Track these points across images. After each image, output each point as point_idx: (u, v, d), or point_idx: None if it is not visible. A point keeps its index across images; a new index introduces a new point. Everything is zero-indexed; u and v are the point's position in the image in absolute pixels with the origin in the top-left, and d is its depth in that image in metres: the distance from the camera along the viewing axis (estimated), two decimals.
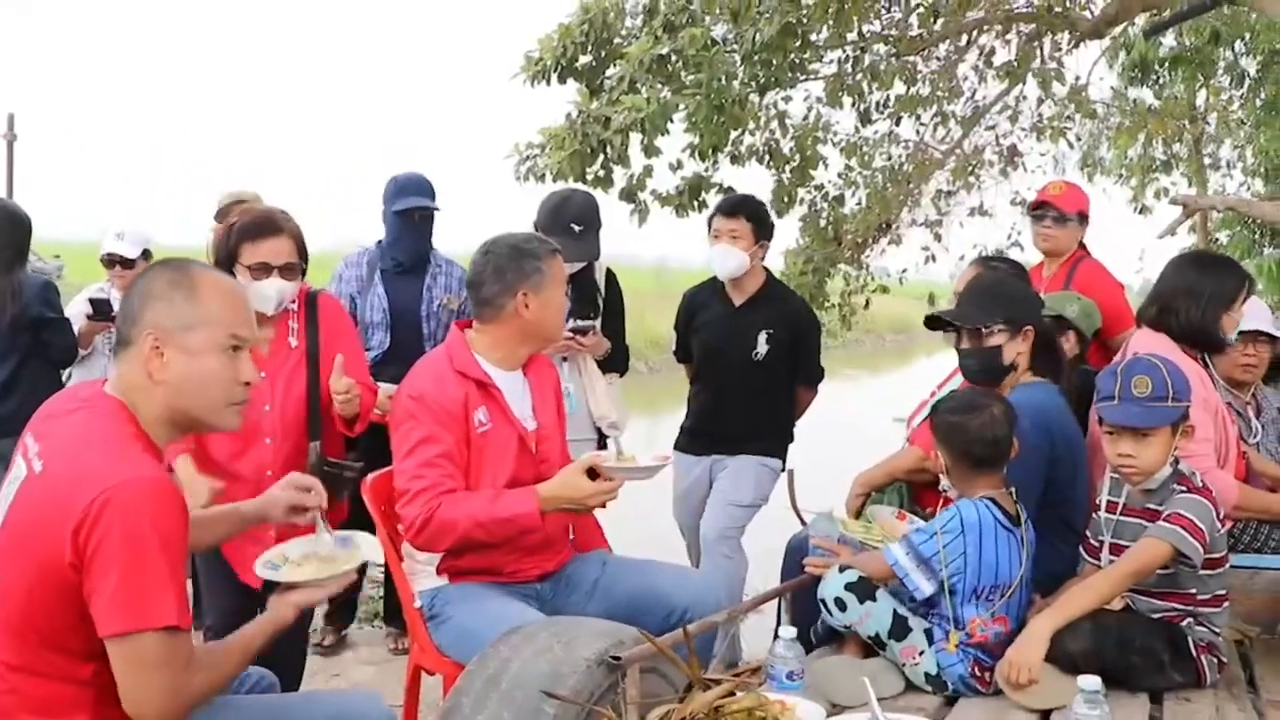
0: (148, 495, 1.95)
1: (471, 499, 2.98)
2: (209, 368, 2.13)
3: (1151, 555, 2.79)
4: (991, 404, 2.99)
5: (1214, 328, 3.46)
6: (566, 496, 2.94)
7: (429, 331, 4.54)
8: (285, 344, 3.43)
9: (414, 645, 3.24)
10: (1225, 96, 12.23)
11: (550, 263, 3.15)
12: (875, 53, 7.73)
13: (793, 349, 4.52)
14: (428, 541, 3.02)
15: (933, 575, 2.83)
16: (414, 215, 4.49)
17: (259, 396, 3.23)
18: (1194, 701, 2.79)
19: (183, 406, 2.13)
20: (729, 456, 4.51)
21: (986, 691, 2.83)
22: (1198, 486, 2.88)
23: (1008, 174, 9.63)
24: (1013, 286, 3.57)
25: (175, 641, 1.96)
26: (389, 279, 4.55)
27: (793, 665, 2.61)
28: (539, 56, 7.14)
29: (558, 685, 2.11)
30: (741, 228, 4.43)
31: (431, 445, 3.00)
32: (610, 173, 7.23)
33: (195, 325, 2.12)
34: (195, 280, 2.16)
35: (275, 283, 3.32)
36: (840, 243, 8.60)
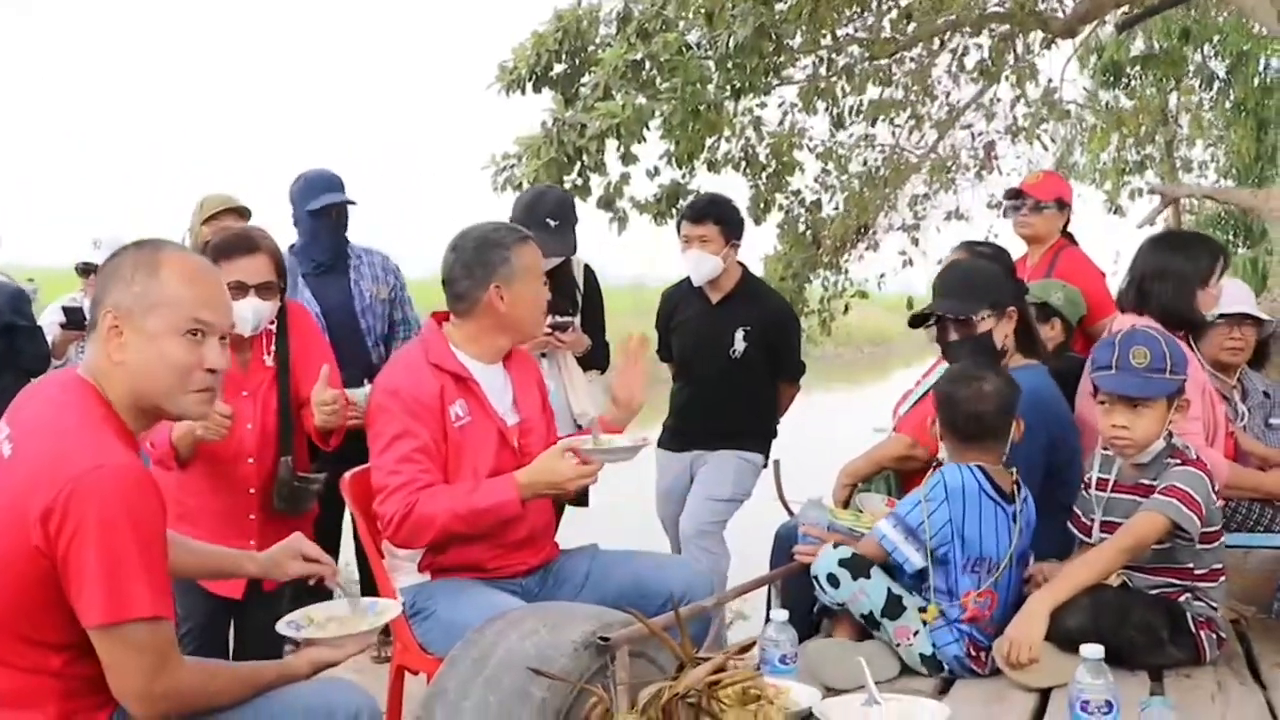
0: (122, 484, 1.90)
1: (449, 491, 2.93)
2: (166, 351, 2.04)
3: (1148, 528, 2.75)
4: (983, 378, 2.94)
5: (1190, 306, 3.44)
6: (546, 481, 2.88)
7: (368, 326, 4.37)
8: (261, 362, 3.37)
9: (396, 644, 3.17)
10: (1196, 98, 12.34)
11: (520, 251, 3.06)
12: (849, 54, 7.75)
13: (771, 345, 4.50)
14: (407, 538, 2.95)
15: (921, 545, 2.79)
16: (331, 213, 4.30)
17: (241, 415, 3.18)
18: (1194, 678, 2.74)
19: (142, 390, 2.05)
20: (709, 452, 4.49)
21: (983, 672, 2.78)
22: (1192, 459, 2.84)
23: (983, 177, 9.68)
24: (987, 270, 3.55)
25: (156, 629, 1.94)
26: (312, 282, 4.32)
27: (785, 649, 2.57)
28: (513, 65, 7.12)
29: (545, 667, 2.04)
30: (710, 231, 4.42)
31: (407, 440, 2.94)
32: (588, 181, 7.22)
33: (154, 306, 2.04)
34: (159, 260, 2.08)
35: (251, 302, 3.23)
36: (819, 246, 8.60)
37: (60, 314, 4.86)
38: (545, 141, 6.93)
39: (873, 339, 32.74)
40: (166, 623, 1.96)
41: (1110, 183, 12.82)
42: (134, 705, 1.99)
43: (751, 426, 4.50)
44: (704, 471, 4.48)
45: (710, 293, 4.53)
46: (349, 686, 2.24)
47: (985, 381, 2.92)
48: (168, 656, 1.97)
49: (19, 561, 1.91)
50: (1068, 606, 2.70)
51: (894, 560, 2.83)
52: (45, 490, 1.88)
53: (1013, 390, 2.94)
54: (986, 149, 9.13)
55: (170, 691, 1.98)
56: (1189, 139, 13.00)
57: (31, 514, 1.88)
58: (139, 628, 1.91)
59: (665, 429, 4.68)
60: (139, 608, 1.90)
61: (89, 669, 1.97)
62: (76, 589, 1.90)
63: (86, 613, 1.90)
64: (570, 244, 4.17)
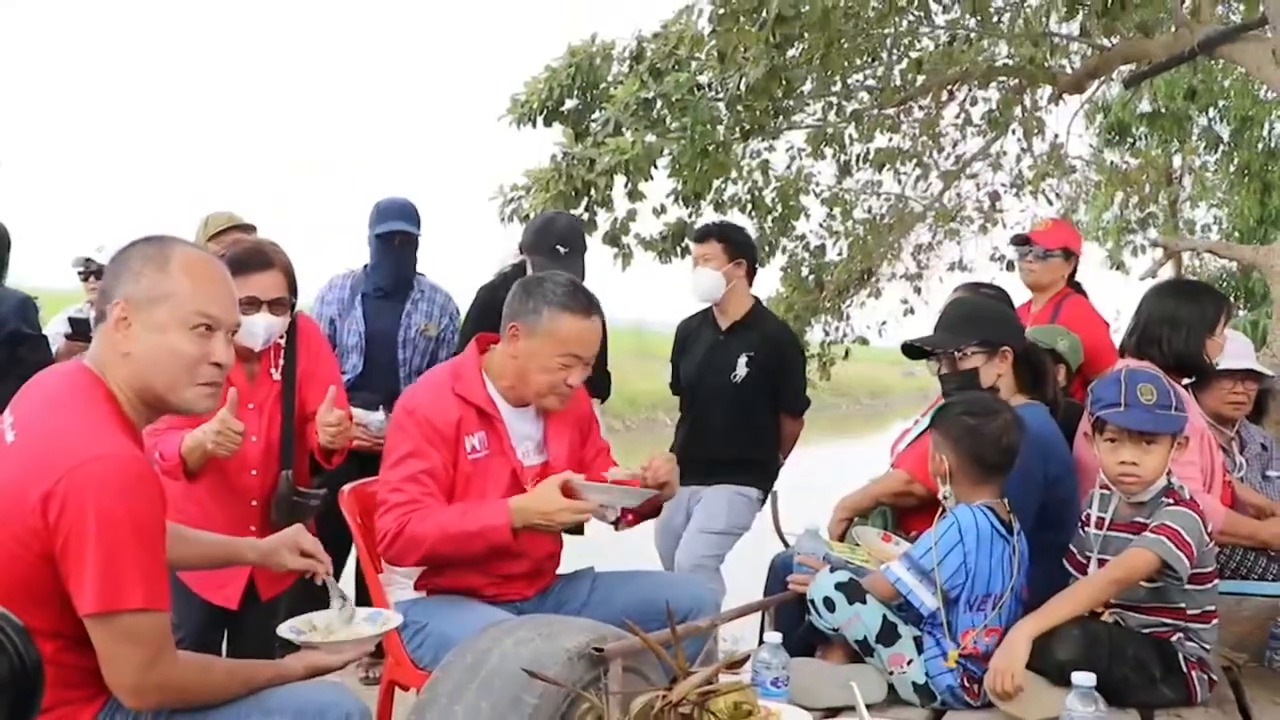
0: (122, 475, 1.92)
1: (443, 512, 2.90)
2: (172, 344, 2.06)
3: (1136, 564, 2.76)
4: (1004, 409, 2.98)
5: (1200, 353, 3.46)
6: (536, 509, 2.84)
7: (404, 358, 4.49)
8: (268, 375, 3.37)
9: (388, 659, 3.15)
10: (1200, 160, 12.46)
11: (556, 315, 2.95)
12: (859, 101, 7.84)
13: (773, 374, 4.49)
14: (397, 555, 2.94)
15: (936, 588, 2.79)
16: (394, 240, 4.46)
17: (248, 428, 3.18)
18: (1185, 718, 2.74)
19: (147, 382, 2.07)
20: (705, 487, 4.47)
21: (975, 704, 2.77)
22: (1185, 500, 2.86)
23: (987, 229, 9.74)
24: (988, 308, 3.58)
25: (150, 621, 1.95)
26: (369, 303, 4.51)
27: (777, 672, 2.57)
28: (526, 98, 7.21)
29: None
30: (712, 249, 4.46)
31: (416, 460, 2.94)
32: (594, 216, 7.29)
33: (162, 299, 2.06)
34: (169, 254, 2.10)
35: (264, 318, 3.23)
36: (822, 291, 8.65)
37: (66, 324, 4.87)
38: (554, 175, 7.01)
39: (872, 391, 32.77)
40: (161, 615, 1.98)
41: (1113, 241, 12.92)
42: (127, 696, 2.00)
43: (750, 458, 4.48)
44: (700, 507, 4.46)
45: (720, 320, 4.55)
46: (341, 689, 2.24)
47: (1007, 411, 2.96)
48: (162, 649, 1.98)
49: (16, 546, 1.92)
50: (1060, 638, 2.70)
51: (908, 602, 2.83)
52: (45, 477, 1.90)
53: (1020, 421, 2.98)
54: (991, 197, 9.20)
55: (163, 683, 1.99)
56: (1192, 199, 13.11)
57: (31, 499, 1.90)
58: (133, 618, 1.93)
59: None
60: (133, 599, 1.92)
61: (81, 659, 1.98)
62: (73, 577, 1.91)
63: (81, 601, 1.92)
64: (579, 271, 4.19)
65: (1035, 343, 3.61)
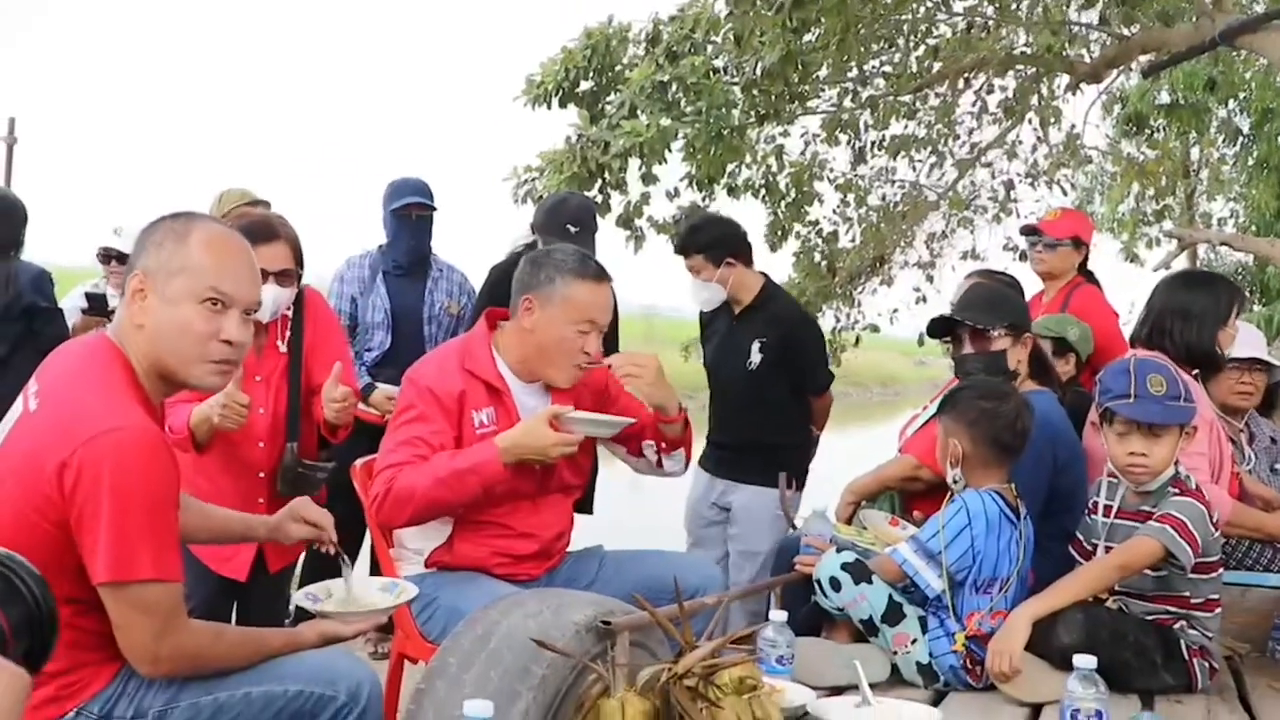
0: (137, 448, 1.95)
1: (431, 461, 2.91)
2: (183, 317, 2.07)
3: (1139, 552, 2.78)
4: (1015, 393, 3.00)
5: (1210, 346, 3.46)
6: (527, 444, 2.86)
7: (430, 334, 4.55)
8: (275, 348, 3.40)
9: (398, 633, 3.19)
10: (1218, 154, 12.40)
11: (572, 284, 2.97)
12: (875, 87, 7.82)
13: (787, 357, 4.42)
14: (389, 514, 2.95)
15: (942, 570, 2.81)
16: (410, 215, 4.51)
17: (254, 400, 3.20)
18: (1185, 704, 2.76)
19: (159, 355, 2.09)
20: (737, 484, 4.40)
21: (978, 685, 2.79)
22: (1191, 490, 2.87)
23: (1001, 219, 9.72)
24: (1012, 296, 3.60)
25: (162, 591, 1.98)
26: (391, 281, 4.57)
27: (782, 650, 2.60)
28: (540, 80, 7.21)
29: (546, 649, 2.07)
30: (697, 262, 4.37)
31: (415, 426, 2.97)
32: (608, 198, 7.29)
33: (177, 272, 2.08)
34: (190, 228, 2.12)
35: (270, 290, 3.24)
36: (834, 277, 8.65)
37: (82, 299, 4.91)
38: (568, 157, 7.01)
39: (883, 381, 32.73)
40: (173, 585, 2.01)
41: (1128, 233, 12.87)
42: (140, 663, 2.03)
43: (778, 447, 4.37)
44: (740, 522, 4.38)
45: (734, 307, 4.52)
46: (352, 658, 2.27)
47: (1018, 395, 2.98)
48: (173, 618, 2.01)
49: (33, 514, 1.95)
50: (1063, 623, 2.73)
51: (913, 583, 2.85)
52: (62, 447, 1.93)
53: (1030, 405, 3.00)
54: (1005, 186, 9.17)
55: (175, 652, 2.03)
56: (1209, 192, 13.05)
57: (48, 469, 1.93)
58: (145, 589, 1.96)
59: (705, 444, 4.63)
60: (144, 569, 1.95)
61: (98, 624, 2.01)
62: (87, 546, 1.94)
63: (95, 570, 1.95)
64: (590, 251, 4.21)
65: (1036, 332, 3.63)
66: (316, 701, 2.13)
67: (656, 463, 3.24)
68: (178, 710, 2.08)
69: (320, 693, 2.13)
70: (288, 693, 2.12)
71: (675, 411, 3.15)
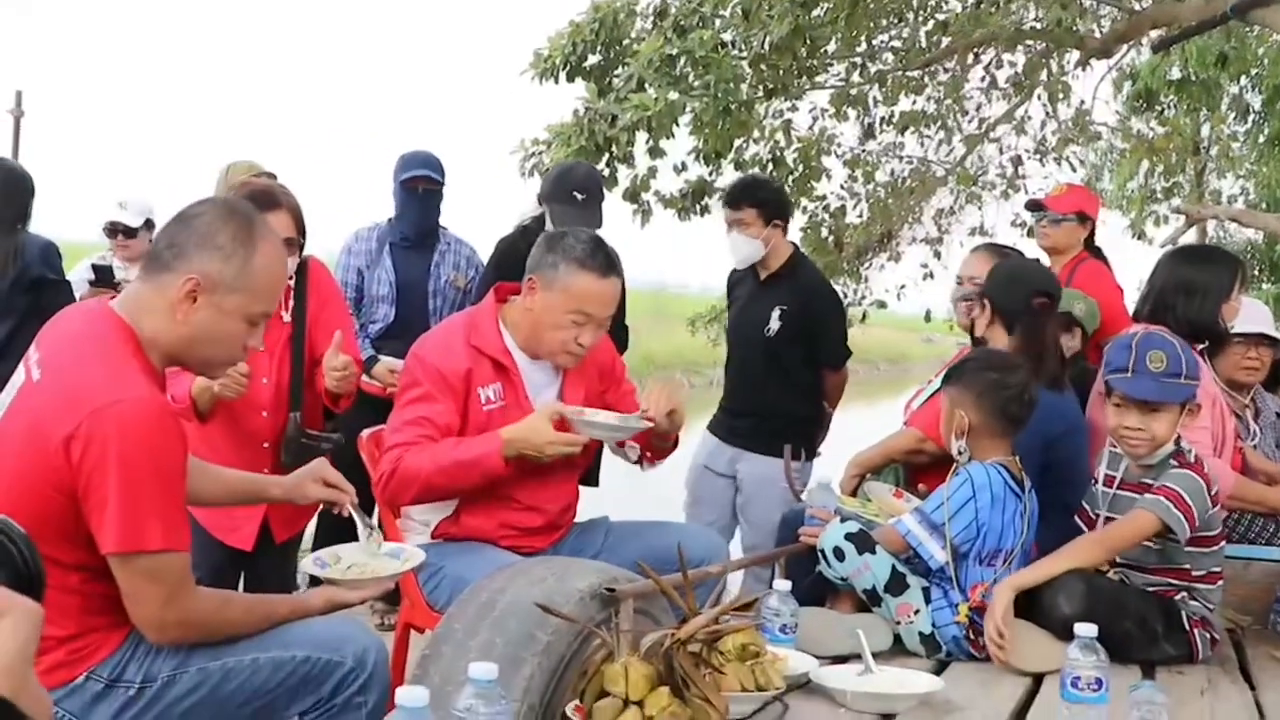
0: (143, 418, 1.97)
1: (437, 446, 2.92)
2: (231, 330, 2.13)
3: (1135, 525, 2.79)
4: (1023, 364, 3.01)
5: (1213, 321, 3.46)
6: (524, 439, 2.85)
7: (434, 308, 4.56)
8: (278, 318, 3.39)
9: (404, 602, 3.21)
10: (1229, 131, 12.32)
11: (575, 273, 2.93)
12: (884, 62, 7.80)
13: (807, 327, 4.40)
14: (393, 493, 2.97)
15: (946, 542, 2.82)
16: (417, 187, 4.53)
17: (257, 370, 3.22)
18: (1186, 674, 2.78)
19: (189, 351, 2.13)
20: (749, 454, 4.40)
21: (980, 655, 2.81)
22: (1190, 463, 2.87)
23: (1009, 195, 9.69)
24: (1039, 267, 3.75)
25: (169, 560, 2.01)
26: (397, 253, 4.58)
27: (785, 619, 2.61)
28: (548, 54, 7.19)
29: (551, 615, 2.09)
30: (748, 215, 4.38)
31: (421, 405, 2.97)
32: (615, 172, 7.28)
33: (239, 290, 2.10)
34: (255, 243, 2.12)
35: None
36: (841, 252, 8.64)
37: (89, 271, 4.92)
38: (576, 130, 6.99)
39: (891, 358, 32.69)
40: (180, 555, 2.04)
41: (1136, 211, 12.82)
42: (148, 630, 2.06)
43: (791, 416, 4.38)
44: (748, 489, 4.42)
45: (760, 271, 4.51)
46: (359, 624, 2.30)
47: (1025, 366, 3.00)
48: (180, 586, 2.04)
49: (41, 484, 1.97)
50: (1063, 592, 2.74)
51: (916, 555, 2.86)
52: (69, 418, 1.95)
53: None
54: (1014, 162, 9.14)
55: (183, 619, 2.06)
56: (1219, 170, 12.99)
57: (54, 440, 1.95)
58: (152, 559, 1.99)
59: (717, 410, 4.66)
60: (152, 540, 1.98)
61: (107, 588, 2.04)
62: (95, 517, 1.97)
63: (103, 540, 1.98)
64: (596, 219, 4.20)
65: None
66: (324, 667, 2.16)
67: (635, 461, 3.22)
68: (186, 675, 2.11)
69: (327, 658, 2.16)
70: (295, 659, 2.15)
71: (679, 428, 3.14)
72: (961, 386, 3.01)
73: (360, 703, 2.18)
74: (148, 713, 2.09)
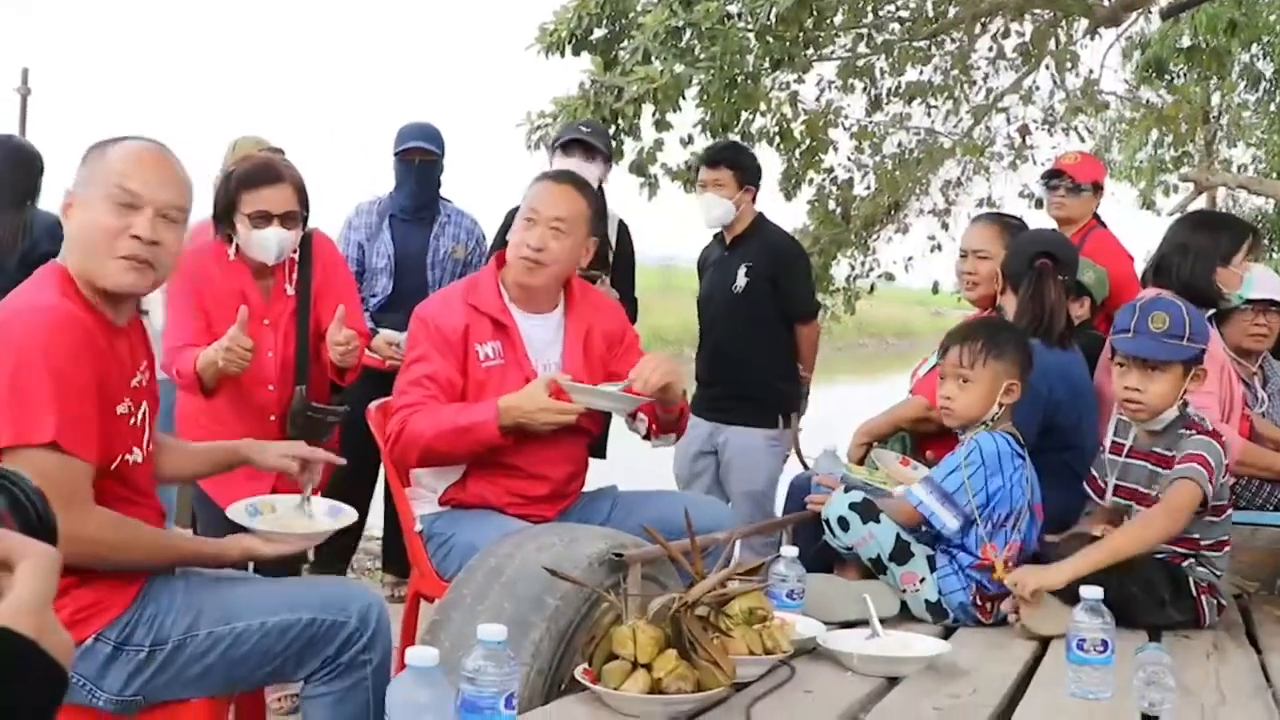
0: (45, 321, 2.00)
1: (439, 411, 2.95)
2: (95, 217, 2.09)
3: (1185, 496, 2.76)
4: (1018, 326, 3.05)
5: (1209, 282, 3.45)
6: (519, 407, 2.88)
7: (434, 279, 4.54)
8: (283, 291, 3.40)
9: (414, 572, 3.23)
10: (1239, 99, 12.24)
11: (533, 186, 3.10)
12: (890, 32, 7.75)
13: (773, 280, 4.43)
14: (400, 455, 3.02)
15: (957, 510, 2.82)
16: (414, 159, 4.51)
17: (262, 344, 3.22)
18: (1193, 639, 2.79)
19: (81, 262, 2.12)
20: (728, 427, 4.45)
21: (987, 621, 2.82)
22: (1207, 430, 2.87)
23: (1017, 166, 9.64)
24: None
25: (62, 463, 1.97)
26: (396, 226, 4.58)
27: (793, 584, 2.63)
28: (554, 28, 7.16)
29: (560, 580, 2.11)
30: (723, 176, 4.43)
31: (423, 365, 3.02)
32: (621, 144, 7.26)
33: (93, 179, 2.12)
34: (109, 145, 2.16)
35: (276, 232, 3.24)
36: (849, 224, 8.62)
37: None
38: (582, 103, 6.97)
39: (898, 332, 32.61)
40: (75, 461, 1.99)
41: (1145, 181, 12.75)
42: None
43: (767, 382, 4.42)
44: (733, 461, 4.44)
45: (726, 236, 4.57)
46: (363, 587, 2.33)
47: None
48: (73, 496, 1.97)
49: None
50: (1070, 554, 2.75)
51: (930, 524, 2.86)
52: None
53: None
54: (1021, 131, 9.09)
55: (74, 534, 1.87)
56: (1229, 139, 12.91)
57: None
58: (43, 456, 1.95)
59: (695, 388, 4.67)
60: (42, 433, 1.95)
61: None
62: None
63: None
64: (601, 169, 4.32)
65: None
66: (329, 628, 2.20)
67: (644, 435, 3.25)
68: (196, 639, 2.13)
69: (332, 619, 2.20)
70: (301, 621, 2.18)
71: (678, 400, 3.15)
72: (1009, 358, 2.96)
73: (365, 660, 2.22)
74: (160, 675, 2.11)
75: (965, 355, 2.97)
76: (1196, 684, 2.36)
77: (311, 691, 2.25)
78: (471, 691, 1.70)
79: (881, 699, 2.21)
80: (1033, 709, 2.19)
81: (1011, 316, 3.41)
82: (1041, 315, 3.32)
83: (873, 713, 2.13)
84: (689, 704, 1.97)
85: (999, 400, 2.94)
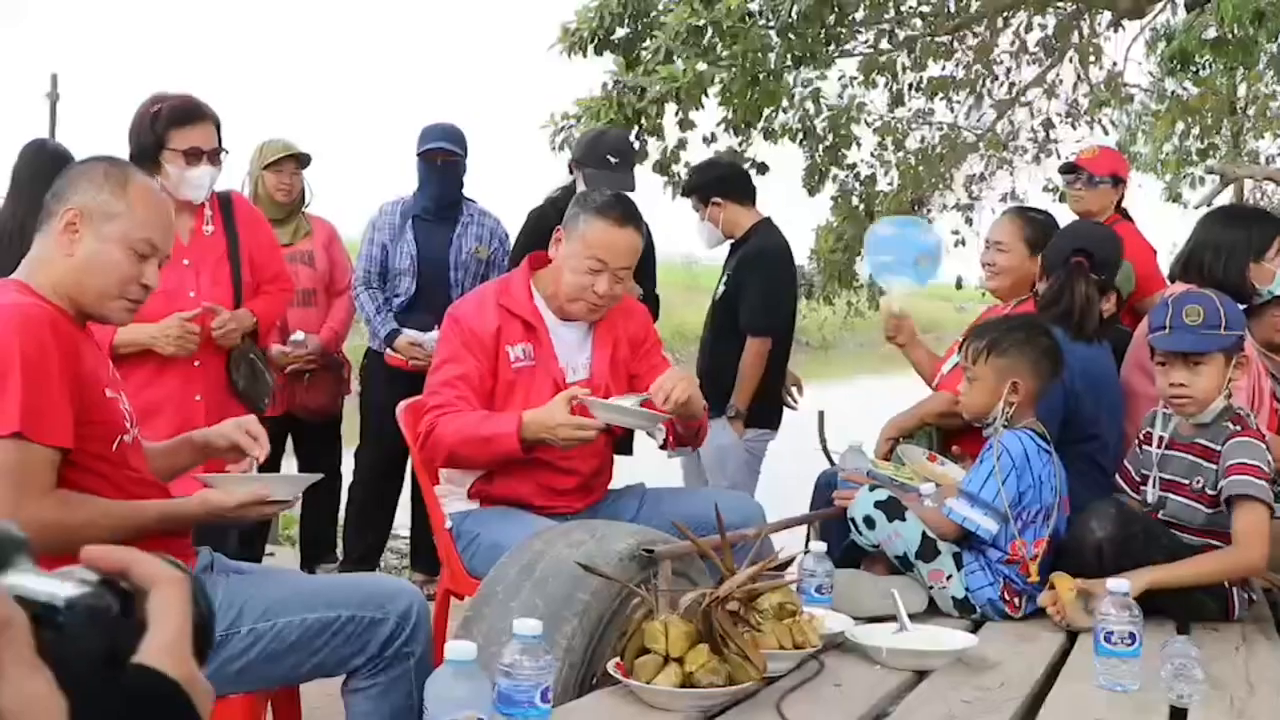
0: (17, 317, 2.02)
1: (466, 416, 2.98)
2: (114, 258, 2.15)
3: (1253, 518, 2.73)
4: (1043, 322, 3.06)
5: (1241, 279, 3.43)
6: (539, 422, 2.87)
7: (456, 280, 4.56)
8: (201, 233, 3.45)
9: (444, 570, 3.27)
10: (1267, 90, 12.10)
11: (594, 223, 3.00)
12: (912, 28, 7.76)
13: (740, 289, 4.40)
14: (429, 455, 3.07)
15: (995, 513, 2.79)
16: (435, 160, 4.54)
17: (182, 283, 3.27)
18: (1221, 631, 2.79)
19: (79, 284, 2.15)
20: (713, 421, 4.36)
21: (1015, 616, 2.83)
22: (1251, 429, 2.85)
23: (1040, 160, 9.62)
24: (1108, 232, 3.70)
25: (18, 452, 1.97)
26: (419, 226, 4.60)
27: (821, 579, 2.64)
28: (576, 28, 7.20)
29: (591, 576, 2.14)
30: (694, 203, 4.54)
31: (454, 365, 3.05)
32: (645, 144, 7.31)
33: (115, 217, 2.16)
34: (129, 179, 2.21)
35: (207, 170, 3.33)
36: (872, 217, 8.64)
37: None
38: (605, 103, 7.02)
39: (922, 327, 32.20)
40: (41, 449, 2.00)
41: (1171, 173, 12.65)
42: None
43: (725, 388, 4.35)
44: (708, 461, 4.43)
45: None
46: (402, 582, 2.36)
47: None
48: (27, 482, 1.98)
49: None
50: (1096, 519, 2.78)
51: (969, 531, 2.82)
52: None
53: None
54: (1044, 125, 9.07)
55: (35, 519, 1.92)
56: (1256, 130, 12.78)
57: None
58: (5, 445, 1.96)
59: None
60: (6, 425, 1.96)
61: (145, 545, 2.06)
62: None
63: None
64: (629, 182, 4.23)
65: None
66: (368, 626, 2.23)
67: (660, 445, 3.24)
68: (237, 636, 2.17)
69: (371, 616, 2.23)
70: (340, 618, 2.21)
71: (698, 415, 3.17)
72: (1014, 355, 2.95)
73: (408, 653, 2.26)
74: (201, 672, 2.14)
75: (970, 353, 3.02)
76: (1225, 677, 2.36)
77: (355, 685, 2.28)
78: (508, 685, 1.73)
79: (910, 692, 2.23)
80: (1061, 701, 2.20)
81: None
82: (1070, 310, 3.32)
83: (901, 705, 2.15)
84: (720, 697, 1.99)
85: (1005, 398, 2.94)
